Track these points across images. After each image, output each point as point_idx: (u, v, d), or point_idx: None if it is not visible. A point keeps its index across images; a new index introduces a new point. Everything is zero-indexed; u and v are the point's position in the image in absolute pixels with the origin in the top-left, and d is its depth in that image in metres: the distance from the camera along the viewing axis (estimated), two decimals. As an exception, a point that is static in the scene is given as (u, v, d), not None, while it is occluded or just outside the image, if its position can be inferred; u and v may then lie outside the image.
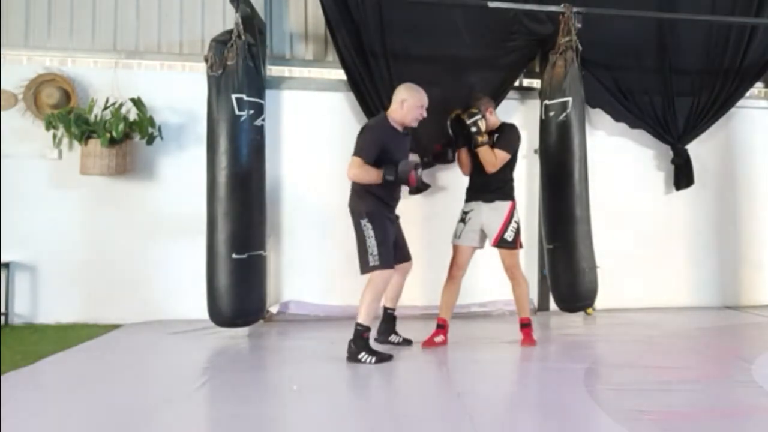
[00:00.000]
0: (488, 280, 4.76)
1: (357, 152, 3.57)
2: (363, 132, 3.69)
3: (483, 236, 4.00)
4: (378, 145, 3.55)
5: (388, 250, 3.60)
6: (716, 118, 5.43)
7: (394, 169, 3.50)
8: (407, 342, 4.01)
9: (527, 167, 5.10)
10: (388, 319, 4.02)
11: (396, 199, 3.79)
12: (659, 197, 5.52)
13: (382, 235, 3.58)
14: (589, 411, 2.76)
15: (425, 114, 3.72)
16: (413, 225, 4.69)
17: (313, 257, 5.03)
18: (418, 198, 4.94)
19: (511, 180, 4.02)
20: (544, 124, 4.61)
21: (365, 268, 3.59)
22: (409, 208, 4.55)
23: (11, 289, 4.70)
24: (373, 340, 3.80)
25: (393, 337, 4.00)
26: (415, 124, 3.74)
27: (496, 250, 4.00)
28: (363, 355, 3.51)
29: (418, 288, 4.80)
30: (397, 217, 3.87)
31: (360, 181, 3.59)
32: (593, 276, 4.50)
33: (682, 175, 5.39)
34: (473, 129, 3.84)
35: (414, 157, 3.68)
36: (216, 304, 4.08)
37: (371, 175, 3.53)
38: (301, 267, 5.01)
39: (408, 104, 3.65)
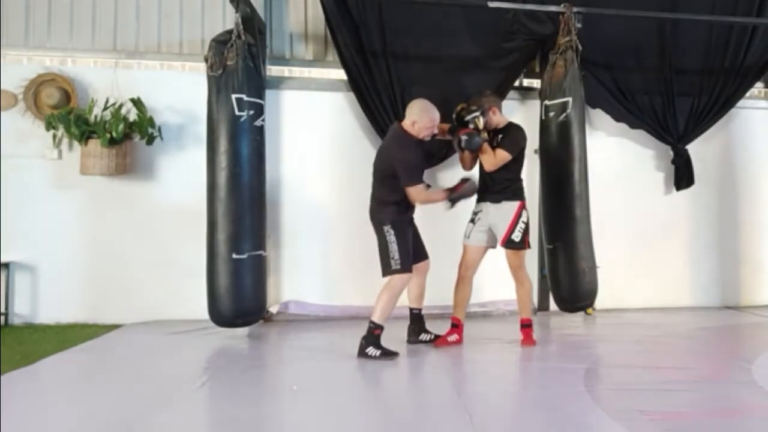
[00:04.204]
0: (488, 280, 4.76)
1: (411, 180, 3.66)
2: (400, 155, 3.70)
3: (492, 236, 4.00)
4: (420, 163, 3.72)
5: (408, 256, 3.73)
6: (717, 118, 5.43)
7: (458, 195, 3.76)
8: (438, 337, 4.04)
9: (527, 167, 5.02)
10: (416, 320, 4.06)
11: (413, 207, 3.85)
12: (659, 197, 5.51)
13: (403, 241, 3.71)
14: (589, 411, 2.76)
15: (437, 130, 3.83)
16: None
17: (313, 257, 5.03)
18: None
19: (519, 180, 4.01)
20: (544, 124, 4.61)
21: (387, 270, 3.71)
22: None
23: (11, 289, 4.70)
24: (406, 341, 3.99)
25: (423, 336, 4.04)
26: (428, 139, 3.83)
27: (496, 251, 4.01)
28: (370, 349, 3.62)
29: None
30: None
31: (428, 203, 3.80)
32: (593, 276, 4.50)
33: (682, 175, 5.38)
34: (470, 126, 3.84)
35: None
36: (216, 304, 4.09)
37: (437, 196, 3.78)
38: (301, 267, 5.01)
39: (418, 125, 3.74)
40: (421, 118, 3.71)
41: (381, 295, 3.68)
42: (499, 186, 3.94)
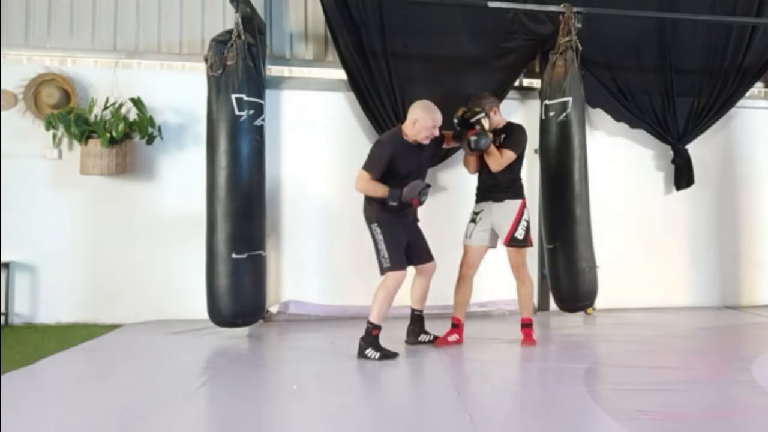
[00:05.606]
0: (488, 280, 4.76)
1: (365, 167, 3.68)
2: (374, 146, 3.77)
3: (494, 236, 4.01)
4: (386, 161, 3.65)
5: (399, 253, 3.71)
6: (716, 118, 5.43)
7: (398, 194, 3.60)
8: (436, 339, 4.03)
9: (527, 167, 5.02)
10: (416, 321, 4.05)
11: (402, 207, 3.76)
12: (659, 197, 5.51)
13: (391, 239, 3.69)
14: (589, 411, 2.76)
15: (437, 133, 3.77)
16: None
17: (313, 257, 5.03)
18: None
19: (519, 179, 4.03)
20: (544, 124, 4.61)
21: (381, 269, 3.71)
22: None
23: (11, 289, 4.70)
24: (404, 342, 3.97)
25: (422, 337, 4.03)
26: (426, 141, 3.76)
27: (497, 251, 4.01)
28: (369, 351, 3.62)
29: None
30: (416, 220, 3.92)
31: (366, 193, 3.73)
32: (593, 276, 4.50)
33: (682, 175, 5.39)
34: (477, 127, 3.85)
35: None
36: (216, 304, 4.09)
37: (378, 192, 3.65)
38: (301, 267, 5.02)
39: (419, 124, 3.71)
40: (423, 116, 3.69)
41: (376, 295, 3.68)
42: (503, 185, 3.95)
